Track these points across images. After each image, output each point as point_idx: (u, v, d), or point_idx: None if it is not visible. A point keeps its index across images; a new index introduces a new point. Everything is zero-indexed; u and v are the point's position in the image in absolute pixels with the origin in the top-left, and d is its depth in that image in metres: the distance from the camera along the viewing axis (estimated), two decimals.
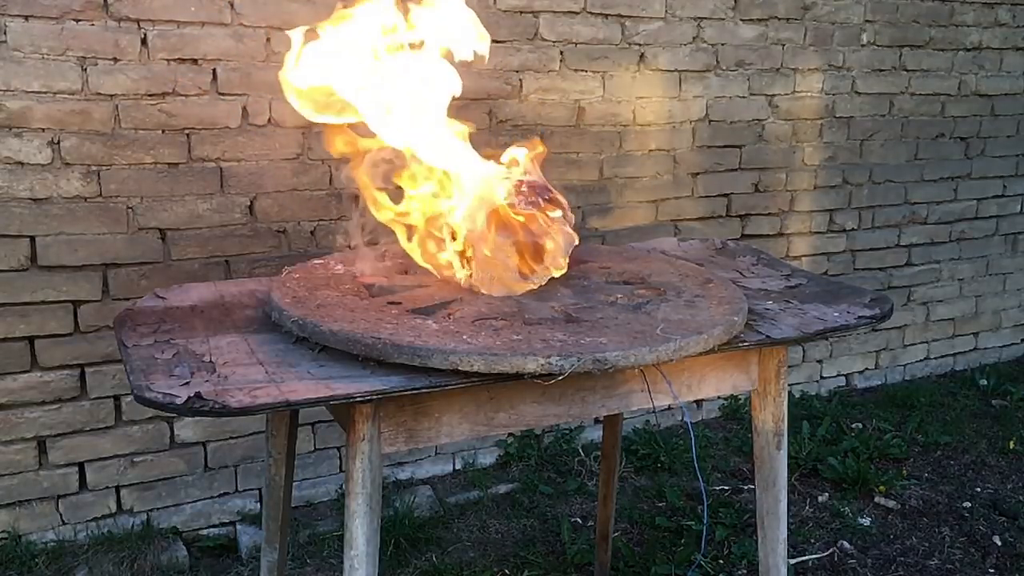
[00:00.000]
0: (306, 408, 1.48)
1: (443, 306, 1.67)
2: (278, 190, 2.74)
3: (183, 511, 2.80)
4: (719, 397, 3.73)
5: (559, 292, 1.80)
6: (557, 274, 1.84)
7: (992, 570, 2.74)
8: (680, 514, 2.97)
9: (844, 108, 3.77)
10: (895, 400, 3.94)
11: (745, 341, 1.65)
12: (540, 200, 1.80)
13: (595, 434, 3.40)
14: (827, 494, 3.15)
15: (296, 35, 1.73)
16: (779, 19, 3.53)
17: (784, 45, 3.56)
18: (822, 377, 4.04)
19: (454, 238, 1.80)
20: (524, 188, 1.80)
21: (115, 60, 2.47)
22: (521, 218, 1.79)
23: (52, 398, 2.57)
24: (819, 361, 4.01)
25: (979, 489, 3.23)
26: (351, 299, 1.68)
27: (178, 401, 1.29)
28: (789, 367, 2.55)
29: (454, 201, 1.81)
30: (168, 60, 2.53)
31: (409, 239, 1.88)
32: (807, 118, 3.70)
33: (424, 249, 1.86)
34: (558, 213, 1.81)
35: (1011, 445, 3.54)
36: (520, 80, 3.06)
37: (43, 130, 2.43)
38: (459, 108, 1.86)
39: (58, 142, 2.45)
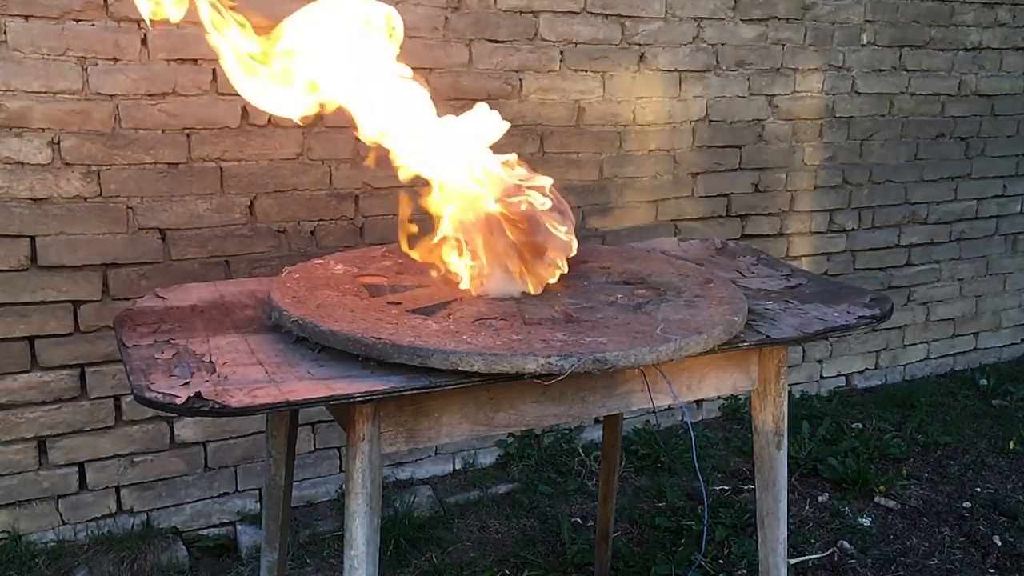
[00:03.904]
0: (306, 408, 1.47)
1: (443, 306, 1.67)
2: (278, 190, 2.74)
3: (183, 511, 2.80)
4: (719, 397, 3.72)
5: (559, 292, 1.80)
6: (555, 279, 1.84)
7: (992, 570, 2.74)
8: (680, 514, 2.97)
9: (844, 108, 3.77)
10: (895, 400, 3.94)
11: (745, 341, 1.65)
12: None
13: (595, 434, 3.40)
14: (827, 494, 3.15)
15: None
16: (779, 19, 3.53)
17: (784, 45, 3.56)
18: (822, 377, 4.04)
19: (455, 240, 1.79)
20: (524, 189, 1.80)
21: (115, 60, 2.47)
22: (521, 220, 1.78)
23: (52, 398, 2.57)
24: (819, 361, 4.01)
25: (979, 489, 3.23)
26: (351, 299, 1.68)
27: (178, 401, 1.29)
28: (789, 367, 2.55)
29: (455, 203, 1.81)
30: (168, 60, 2.53)
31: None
32: (807, 118, 3.70)
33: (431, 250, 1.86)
34: (564, 229, 1.80)
35: (1011, 445, 3.54)
36: (520, 80, 3.05)
37: (43, 130, 2.43)
38: (459, 108, 1.86)
39: (58, 142, 2.45)
